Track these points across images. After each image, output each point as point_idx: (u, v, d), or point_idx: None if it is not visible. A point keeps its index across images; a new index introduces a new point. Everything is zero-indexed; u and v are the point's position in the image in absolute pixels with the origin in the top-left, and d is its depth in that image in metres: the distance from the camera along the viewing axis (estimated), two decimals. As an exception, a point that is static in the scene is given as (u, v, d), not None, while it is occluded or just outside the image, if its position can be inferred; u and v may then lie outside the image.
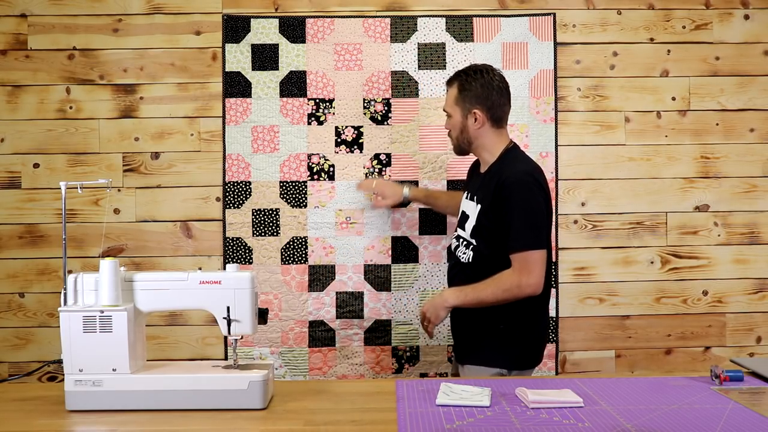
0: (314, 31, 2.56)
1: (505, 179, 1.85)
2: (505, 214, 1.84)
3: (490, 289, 1.84)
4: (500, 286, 1.83)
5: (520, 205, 1.83)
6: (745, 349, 2.66)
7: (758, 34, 2.65)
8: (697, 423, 1.31)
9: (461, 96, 1.97)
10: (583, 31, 2.62)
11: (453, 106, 1.99)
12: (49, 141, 2.57)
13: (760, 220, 2.66)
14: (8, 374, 2.55)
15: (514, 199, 1.83)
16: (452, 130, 2.02)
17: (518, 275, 1.82)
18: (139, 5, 2.57)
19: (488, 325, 1.91)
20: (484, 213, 1.91)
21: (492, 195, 1.87)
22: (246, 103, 2.56)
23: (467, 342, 1.97)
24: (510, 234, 1.83)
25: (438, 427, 1.30)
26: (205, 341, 2.60)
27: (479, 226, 1.92)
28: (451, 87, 2.01)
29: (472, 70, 1.99)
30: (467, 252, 1.96)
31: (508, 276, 1.83)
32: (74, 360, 1.47)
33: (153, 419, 1.42)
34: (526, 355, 1.94)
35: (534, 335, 1.96)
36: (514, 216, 1.83)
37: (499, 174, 1.89)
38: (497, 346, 1.90)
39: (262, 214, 2.57)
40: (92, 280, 1.50)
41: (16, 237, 2.57)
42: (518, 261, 1.82)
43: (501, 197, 1.85)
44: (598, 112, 2.63)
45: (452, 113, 2.00)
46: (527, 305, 1.88)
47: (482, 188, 1.95)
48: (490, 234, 1.89)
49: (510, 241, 1.83)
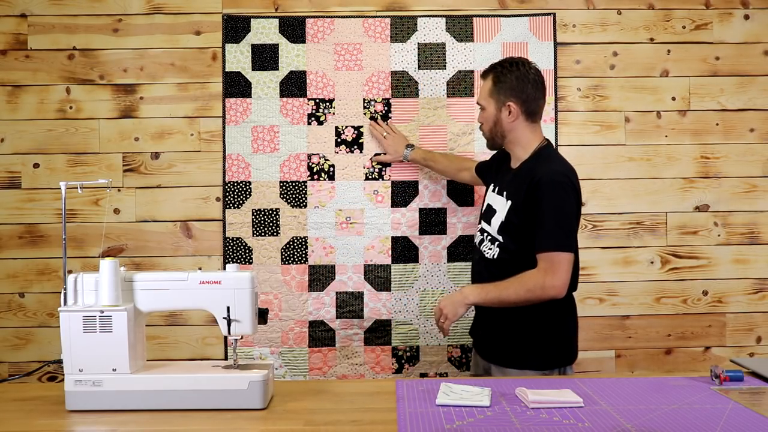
0: (314, 31, 2.56)
1: (540, 178, 1.82)
2: (537, 213, 1.81)
3: (513, 288, 1.80)
4: (523, 286, 1.79)
5: (553, 205, 1.80)
6: (745, 349, 2.66)
7: (758, 34, 2.65)
8: (697, 423, 1.31)
9: (496, 88, 1.94)
10: (583, 31, 2.62)
11: (487, 99, 1.97)
12: (49, 141, 2.57)
13: (760, 220, 2.66)
14: (8, 374, 2.55)
15: (547, 199, 1.80)
16: (485, 123, 2.00)
17: (543, 276, 1.78)
18: (139, 5, 2.57)
19: (522, 325, 1.88)
20: (514, 210, 1.88)
21: (525, 193, 1.84)
22: (246, 103, 2.56)
23: (501, 343, 1.92)
24: (539, 233, 1.80)
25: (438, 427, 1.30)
26: (205, 341, 2.60)
27: (508, 223, 1.89)
28: (486, 79, 1.98)
29: (507, 62, 1.96)
30: (493, 248, 1.93)
31: (533, 276, 1.79)
32: (74, 360, 1.47)
33: (153, 419, 1.42)
34: (563, 352, 1.91)
35: (569, 332, 1.94)
36: (546, 216, 1.80)
37: (534, 172, 1.86)
38: (535, 348, 1.88)
39: (262, 214, 2.57)
40: (92, 280, 1.50)
41: (16, 237, 2.57)
42: (545, 261, 1.79)
43: (534, 196, 1.82)
44: (598, 112, 2.63)
45: (486, 105, 1.97)
46: (558, 304, 1.85)
47: (513, 184, 1.92)
48: (518, 232, 1.87)
49: (538, 240, 1.80)
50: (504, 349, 1.92)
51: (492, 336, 1.96)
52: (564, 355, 1.92)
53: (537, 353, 1.88)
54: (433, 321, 2.56)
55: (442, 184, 2.58)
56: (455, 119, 2.57)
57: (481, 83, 2.01)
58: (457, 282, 2.57)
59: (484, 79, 2.00)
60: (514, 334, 1.90)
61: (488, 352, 1.98)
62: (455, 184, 2.56)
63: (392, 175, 2.58)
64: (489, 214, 1.98)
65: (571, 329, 1.95)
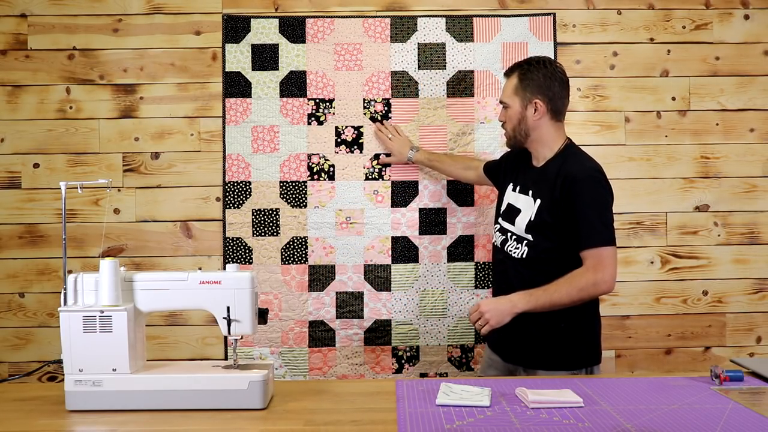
0: (314, 31, 2.56)
1: (576, 174, 1.83)
2: (577, 210, 1.80)
3: (564, 290, 1.76)
4: (575, 286, 1.76)
5: (594, 200, 1.81)
6: (745, 349, 2.66)
7: (758, 34, 2.65)
8: (697, 423, 1.31)
9: (522, 85, 1.93)
10: (583, 31, 2.62)
11: (512, 96, 1.95)
12: (49, 141, 2.57)
13: (760, 220, 2.66)
14: (8, 374, 2.55)
15: (587, 194, 1.81)
16: (508, 122, 1.97)
17: (593, 273, 1.76)
18: (139, 5, 2.57)
19: (551, 326, 1.86)
20: (545, 209, 1.86)
21: (559, 190, 1.83)
22: (246, 103, 2.56)
23: (529, 345, 1.90)
24: (582, 230, 1.79)
25: (438, 427, 1.30)
26: (205, 341, 2.60)
27: (539, 222, 1.87)
28: (510, 77, 1.96)
29: (534, 60, 1.96)
30: (520, 247, 1.92)
31: (582, 274, 1.77)
32: (74, 360, 1.47)
33: (153, 419, 1.42)
34: (592, 351, 1.92)
35: (596, 330, 1.95)
36: (588, 212, 1.80)
37: (564, 170, 1.86)
38: (567, 348, 1.88)
39: (262, 214, 2.57)
40: (92, 280, 1.50)
41: (16, 237, 2.57)
42: (593, 258, 1.78)
43: (572, 192, 1.81)
44: (598, 112, 2.63)
45: (511, 103, 1.95)
46: (586, 303, 1.86)
47: (540, 183, 1.91)
48: (552, 230, 1.85)
49: (582, 237, 1.79)
50: (533, 351, 1.90)
51: (518, 339, 1.92)
52: (593, 354, 1.92)
53: (567, 353, 1.88)
54: (433, 321, 2.56)
55: (442, 184, 2.58)
56: (455, 119, 2.57)
57: (505, 81, 2.00)
58: (457, 282, 2.57)
59: (508, 77, 1.98)
60: (543, 335, 1.88)
61: (514, 355, 1.95)
62: (455, 184, 2.56)
63: (392, 175, 2.58)
64: (512, 213, 1.96)
65: (597, 327, 1.96)
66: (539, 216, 1.87)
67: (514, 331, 1.89)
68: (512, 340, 1.94)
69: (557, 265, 1.82)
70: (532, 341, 1.89)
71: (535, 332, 1.88)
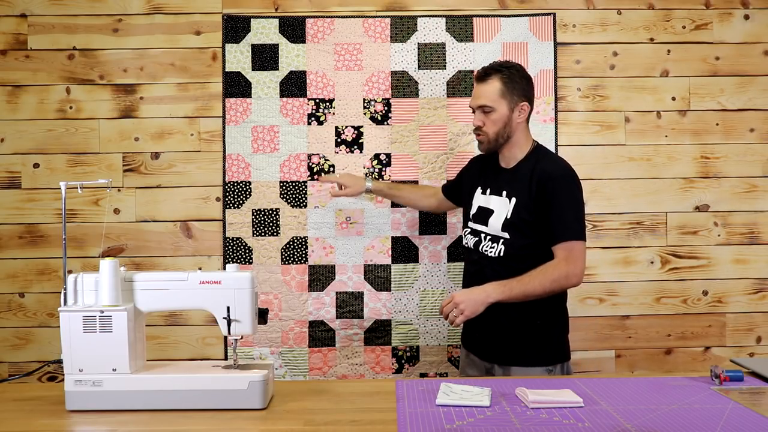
0: (314, 31, 2.56)
1: (551, 173, 1.90)
2: (553, 206, 1.86)
3: (537, 281, 1.81)
4: (548, 277, 1.81)
5: (569, 197, 1.88)
6: (745, 349, 2.66)
7: (758, 34, 2.65)
8: (697, 423, 1.31)
9: (508, 89, 1.94)
10: (583, 31, 2.62)
11: (498, 100, 1.94)
12: (49, 141, 2.57)
13: (760, 220, 2.66)
14: (8, 374, 2.55)
15: (563, 191, 1.88)
16: (491, 126, 1.95)
17: (566, 265, 1.82)
18: (139, 5, 2.57)
19: (526, 322, 1.91)
20: (522, 207, 1.90)
21: (536, 188, 1.88)
22: (246, 103, 2.56)
23: (504, 342, 1.93)
24: (557, 225, 1.85)
25: (438, 427, 1.30)
26: (205, 341, 2.60)
27: (516, 220, 1.91)
28: (490, 81, 1.95)
29: (510, 65, 1.98)
30: (496, 246, 1.94)
31: (555, 266, 1.83)
32: (74, 360, 1.47)
33: (153, 419, 1.42)
34: (565, 347, 1.97)
35: (566, 325, 2.01)
36: (564, 208, 1.86)
37: (540, 169, 1.91)
38: (541, 344, 1.92)
39: (262, 214, 2.57)
40: (92, 280, 1.50)
41: (16, 237, 2.57)
42: (565, 251, 1.84)
43: (547, 190, 1.87)
44: (598, 112, 2.63)
45: (496, 107, 1.94)
46: (559, 298, 1.95)
47: (514, 183, 1.95)
48: (530, 227, 1.89)
49: (557, 232, 1.85)
50: (508, 348, 1.93)
51: (494, 336, 1.96)
52: (565, 349, 1.97)
53: (541, 349, 1.91)
54: (433, 321, 2.57)
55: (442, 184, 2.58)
56: (455, 119, 2.57)
57: (482, 86, 1.97)
58: (457, 282, 2.57)
59: (485, 82, 1.96)
60: (518, 332, 1.92)
61: (490, 353, 1.99)
62: (455, 184, 2.56)
63: (392, 175, 2.58)
64: (484, 215, 2.00)
65: (567, 323, 2.01)
66: (516, 214, 1.91)
67: (490, 329, 1.94)
68: (488, 338, 1.98)
69: (534, 261, 1.86)
70: (508, 338, 1.93)
71: (510, 329, 1.92)
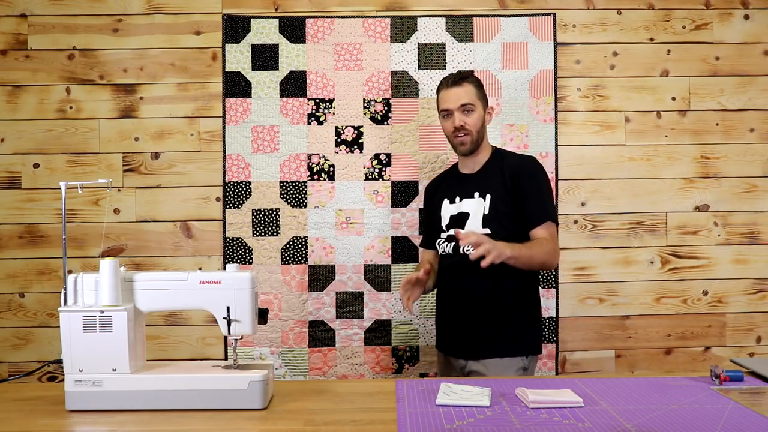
0: (314, 31, 2.56)
1: (522, 165, 2.01)
2: (530, 191, 1.95)
3: (537, 250, 1.87)
4: (544, 249, 1.89)
5: (543, 184, 1.99)
6: (745, 349, 2.66)
7: (758, 34, 2.65)
8: (697, 423, 1.31)
9: (481, 93, 2.04)
10: (583, 31, 2.62)
11: (477, 101, 2.02)
12: (49, 141, 2.57)
13: (760, 220, 2.66)
14: (8, 374, 2.55)
15: (538, 178, 1.99)
16: (474, 126, 2.00)
17: (551, 243, 1.92)
18: (139, 5, 2.57)
19: (504, 313, 1.95)
20: (500, 200, 1.97)
21: (510, 181, 1.97)
22: (246, 103, 2.56)
23: (483, 335, 1.96)
24: (536, 208, 1.95)
25: (438, 427, 1.30)
26: (205, 341, 2.60)
27: (495, 215, 1.96)
28: (465, 85, 2.01)
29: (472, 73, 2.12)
30: None
31: (546, 242, 1.90)
32: (74, 360, 1.47)
33: (153, 419, 1.42)
34: (539, 339, 2.04)
35: (539, 318, 2.06)
36: (540, 193, 1.97)
37: (510, 164, 2.01)
38: (517, 335, 1.96)
39: (262, 214, 2.57)
40: (92, 280, 1.50)
41: (16, 237, 2.57)
42: (549, 230, 1.94)
43: (522, 179, 1.96)
44: (598, 112, 2.63)
45: (477, 107, 2.01)
46: (534, 290, 2.04)
47: (484, 182, 2.01)
48: (508, 218, 1.96)
49: (537, 214, 1.94)
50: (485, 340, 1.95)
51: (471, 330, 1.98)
52: (539, 338, 2.04)
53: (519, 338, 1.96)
54: (433, 321, 2.56)
55: (442, 184, 2.58)
56: (455, 119, 2.57)
57: (459, 89, 1.99)
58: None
59: (459, 85, 2.00)
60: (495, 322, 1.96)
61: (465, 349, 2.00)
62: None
63: (392, 175, 2.58)
64: (458, 221, 2.03)
65: (540, 315, 2.07)
66: (494, 209, 1.97)
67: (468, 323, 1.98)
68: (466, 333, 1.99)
69: None
70: (483, 330, 1.96)
71: (487, 320, 1.95)
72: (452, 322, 2.05)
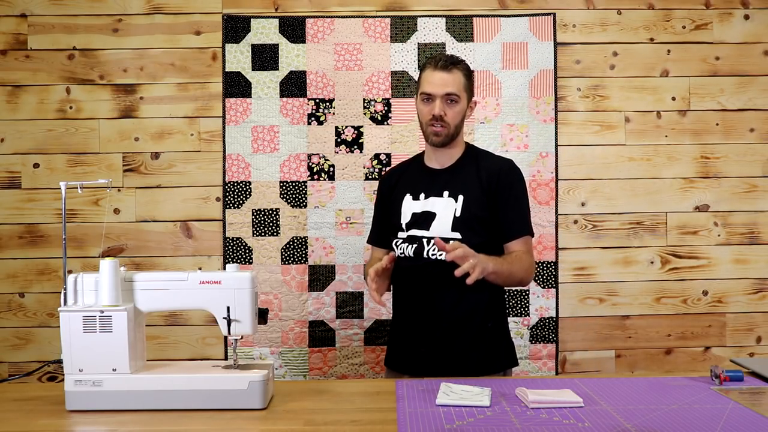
0: (314, 31, 2.56)
1: (501, 167, 1.83)
2: (509, 200, 1.80)
3: (517, 266, 1.75)
4: (523, 265, 1.77)
5: (522, 192, 1.85)
6: (745, 349, 2.66)
7: (758, 34, 2.65)
8: (697, 423, 1.31)
9: (468, 83, 1.83)
10: (583, 31, 2.62)
11: (463, 92, 1.81)
12: (49, 141, 2.57)
13: (760, 220, 2.66)
14: (8, 374, 2.55)
15: (517, 186, 1.83)
16: (455, 116, 1.81)
17: (529, 258, 1.80)
18: (139, 5, 2.57)
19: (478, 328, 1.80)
20: (474, 202, 1.79)
21: (487, 182, 1.80)
22: (246, 103, 2.56)
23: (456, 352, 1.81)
24: (515, 220, 1.81)
25: (438, 427, 1.30)
26: (205, 341, 2.60)
27: (467, 217, 1.78)
28: (454, 72, 1.80)
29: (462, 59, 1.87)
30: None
31: (524, 257, 1.78)
32: (74, 360, 1.47)
33: (153, 419, 1.42)
34: (513, 351, 1.89)
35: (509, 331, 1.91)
36: (519, 202, 1.82)
37: (487, 164, 1.84)
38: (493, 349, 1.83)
39: (262, 214, 2.57)
40: (92, 280, 1.50)
41: (16, 237, 2.57)
42: (527, 244, 1.81)
43: (502, 182, 1.80)
44: (598, 112, 2.63)
45: (461, 99, 1.80)
46: (502, 301, 1.90)
47: (456, 181, 1.83)
48: (482, 223, 1.79)
49: (515, 226, 1.81)
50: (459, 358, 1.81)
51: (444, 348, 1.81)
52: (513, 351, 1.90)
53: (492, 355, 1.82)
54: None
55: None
56: (455, 119, 2.57)
57: (447, 75, 1.79)
58: (457, 282, 2.57)
59: (448, 71, 1.80)
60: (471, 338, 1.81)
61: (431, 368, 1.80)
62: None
63: (392, 175, 2.58)
64: (424, 219, 1.83)
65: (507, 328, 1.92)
66: (467, 211, 1.79)
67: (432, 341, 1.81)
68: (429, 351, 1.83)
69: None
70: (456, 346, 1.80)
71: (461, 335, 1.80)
72: (412, 336, 1.85)
